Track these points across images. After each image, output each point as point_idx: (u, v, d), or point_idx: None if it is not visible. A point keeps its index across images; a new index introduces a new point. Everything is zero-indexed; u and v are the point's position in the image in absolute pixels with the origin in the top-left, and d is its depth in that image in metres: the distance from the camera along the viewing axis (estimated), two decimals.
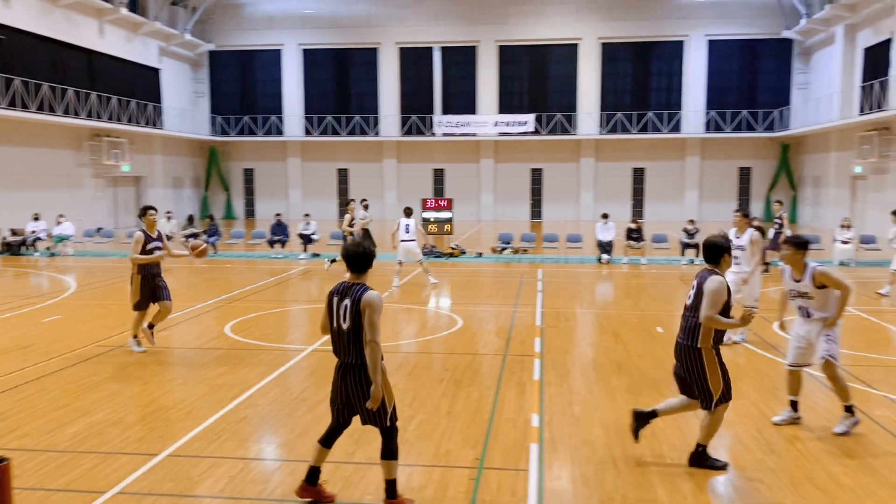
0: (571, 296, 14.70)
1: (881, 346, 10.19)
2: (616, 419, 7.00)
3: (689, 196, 39.44)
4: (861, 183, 30.99)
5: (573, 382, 8.30)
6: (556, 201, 40.33)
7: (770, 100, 38.99)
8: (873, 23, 30.46)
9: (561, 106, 39.95)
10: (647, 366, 9.02)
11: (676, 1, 38.78)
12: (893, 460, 5.96)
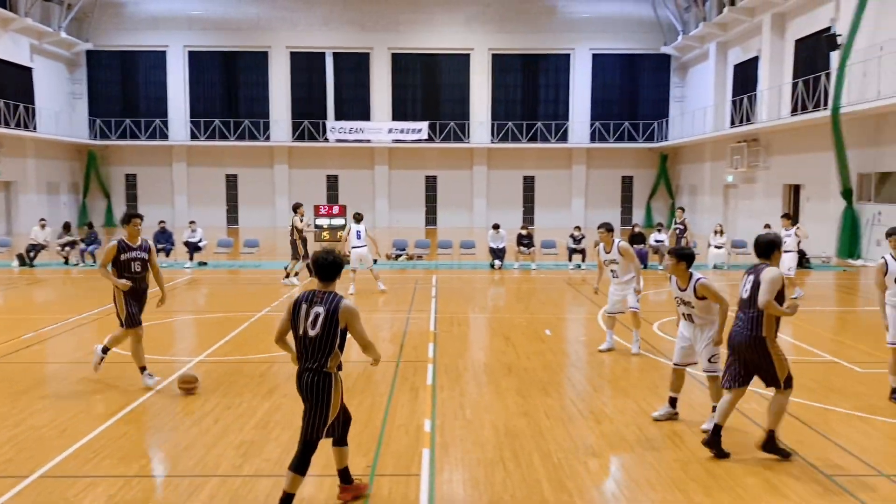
0: (464, 301, 14.89)
1: None
2: (506, 420, 7.15)
3: (575, 203, 40.80)
4: (733, 191, 33.03)
5: (465, 386, 8.41)
6: (450, 208, 40.76)
7: (650, 112, 40.97)
8: (742, 41, 32.59)
9: (454, 114, 40.47)
10: (536, 367, 9.26)
11: (563, 15, 40.13)
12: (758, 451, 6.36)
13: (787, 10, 28.02)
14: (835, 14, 24.30)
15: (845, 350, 10.54)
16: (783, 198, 27.97)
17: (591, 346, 10.77)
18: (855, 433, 6.87)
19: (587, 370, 9.35)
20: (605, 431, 6.91)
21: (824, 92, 23.79)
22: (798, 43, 27.69)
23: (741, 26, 31.51)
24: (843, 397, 8.05)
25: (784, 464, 6.04)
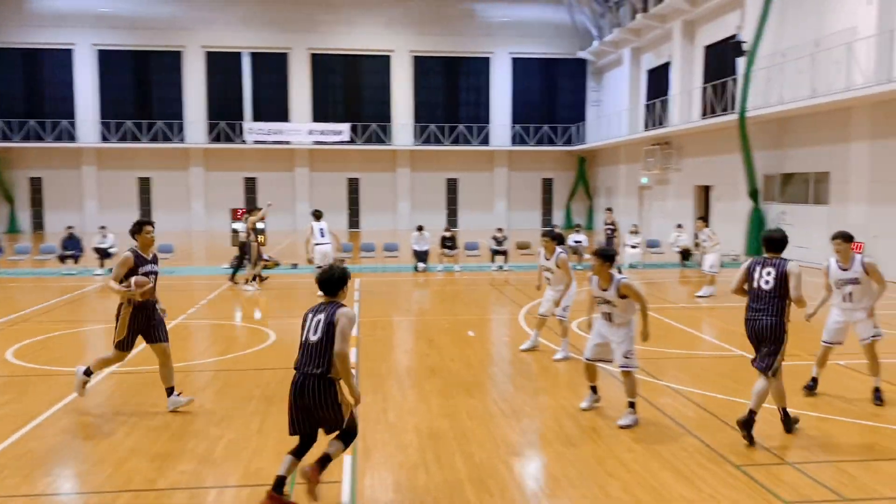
0: (388, 304, 14.84)
1: (664, 341, 11.22)
2: (429, 423, 7.15)
3: (498, 205, 41.29)
4: (647, 192, 34.10)
5: (388, 390, 8.37)
6: (373, 210, 40.58)
7: (568, 115, 41.88)
8: (655, 47, 33.70)
9: (376, 116, 40.32)
10: (459, 368, 9.31)
11: (482, 19, 40.56)
12: (675, 444, 6.58)
13: (697, 17, 29.13)
14: (741, 22, 25.40)
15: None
16: (695, 198, 29.05)
17: (514, 346, 10.90)
18: (760, 423, 7.16)
19: (510, 370, 9.46)
20: (525, 430, 7.00)
21: (732, 96, 24.84)
22: (707, 49, 28.83)
23: (653, 32, 32.57)
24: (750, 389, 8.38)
25: (696, 456, 6.26)
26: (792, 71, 21.63)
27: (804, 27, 21.70)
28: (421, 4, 39.94)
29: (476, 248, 22.67)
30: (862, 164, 19.28)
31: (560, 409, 7.64)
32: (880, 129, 18.52)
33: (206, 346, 10.99)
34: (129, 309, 7.28)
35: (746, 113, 22.94)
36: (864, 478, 5.80)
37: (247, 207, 23.17)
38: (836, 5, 20.41)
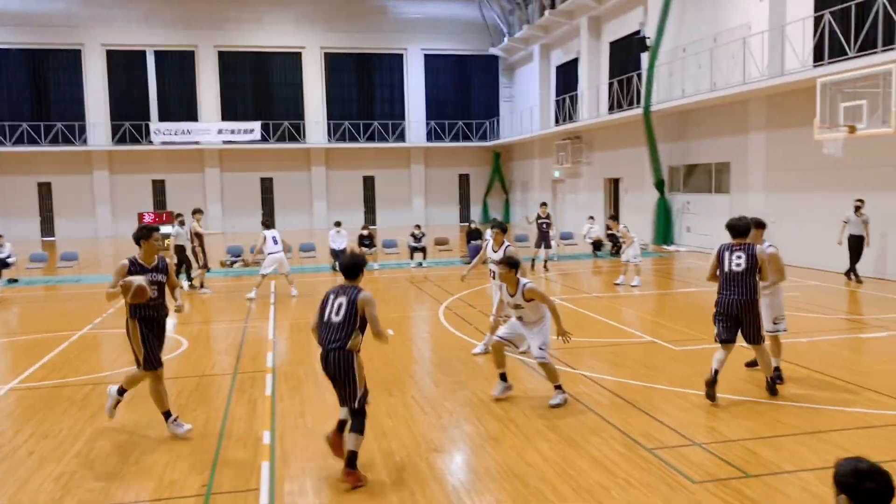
0: (305, 306, 14.62)
1: (579, 330, 11.49)
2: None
3: (416, 202, 41.33)
4: (560, 186, 34.83)
5: (306, 394, 8.26)
6: (289, 210, 39.87)
7: (482, 111, 42.31)
8: (563, 43, 34.41)
9: (288, 114, 39.64)
10: (379, 367, 9.26)
11: (393, 15, 40.46)
12: (589, 431, 6.75)
13: (602, 13, 29.91)
14: (643, 18, 26.23)
15: (662, 330, 11.40)
16: (605, 191, 29.86)
17: (434, 342, 10.94)
18: (671, 407, 7.45)
19: (430, 367, 9.49)
20: (446, 426, 7.04)
21: (637, 91, 25.63)
22: (612, 45, 29.64)
23: (561, 29, 33.24)
24: (661, 374, 8.71)
25: (611, 443, 6.44)
26: (692, 66, 22.50)
27: (702, 23, 22.60)
28: (331, 1, 39.49)
29: (395, 246, 22.63)
30: (759, 154, 20.25)
31: (480, 403, 7.71)
32: (774, 121, 19.49)
33: (115, 357, 10.56)
34: (134, 323, 6.69)
35: (651, 107, 23.73)
36: (766, 454, 6.10)
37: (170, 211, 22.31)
38: (731, 3, 21.34)
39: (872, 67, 13.24)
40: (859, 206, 15.32)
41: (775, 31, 18.89)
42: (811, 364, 8.86)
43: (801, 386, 7.99)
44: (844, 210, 16.39)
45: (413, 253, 20.89)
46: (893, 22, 15.26)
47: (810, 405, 7.36)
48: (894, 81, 12.27)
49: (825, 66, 16.33)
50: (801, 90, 17.04)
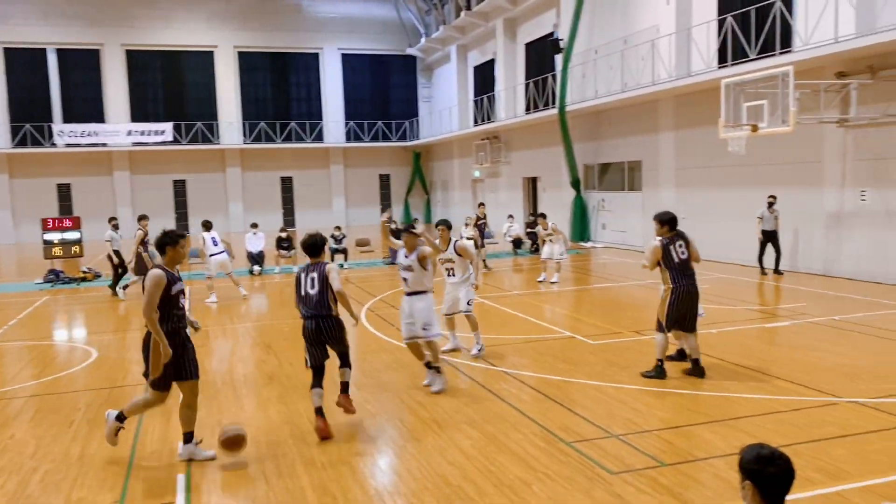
0: (221, 312, 14.26)
1: (502, 328, 11.62)
2: (267, 432, 6.95)
3: (336, 203, 40.92)
4: (480, 185, 35.14)
5: (224, 401, 8.04)
6: (202, 213, 38.62)
7: (401, 111, 42.27)
8: (480, 44, 34.74)
9: (201, 114, 38.56)
10: (299, 373, 9.09)
11: (309, 14, 39.94)
12: (512, 428, 6.81)
13: (517, 15, 30.34)
14: (557, 20, 26.75)
15: (580, 325, 11.65)
16: (523, 189, 30.31)
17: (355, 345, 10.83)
18: (589, 400, 7.61)
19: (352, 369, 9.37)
20: (368, 428, 6.99)
21: (552, 92, 26.12)
22: (528, 46, 30.12)
23: (478, 30, 33.55)
24: (579, 368, 8.89)
25: (531, 437, 6.53)
26: (604, 67, 23.09)
27: (613, 26, 23.23)
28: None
29: None
30: (669, 153, 20.97)
31: (402, 403, 7.69)
32: (683, 120, 20.22)
33: (18, 370, 10.02)
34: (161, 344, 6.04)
35: (566, 107, 24.22)
36: (680, 443, 6.31)
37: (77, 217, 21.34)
38: (640, 5, 22.01)
39: (771, 69, 13.89)
40: (772, 203, 16.01)
41: (682, 33, 19.60)
42: (721, 354, 9.22)
43: (711, 375, 8.30)
44: (749, 205, 17.14)
45: (333, 255, 20.66)
46: (790, 26, 16.07)
47: (720, 393, 7.66)
48: (791, 82, 12.91)
49: (728, 68, 17.04)
50: (707, 90, 17.74)
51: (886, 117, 14.04)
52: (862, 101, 14.45)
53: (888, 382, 7.81)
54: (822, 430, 6.49)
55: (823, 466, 5.66)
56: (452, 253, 9.36)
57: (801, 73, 13.96)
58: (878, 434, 6.33)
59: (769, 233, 16.04)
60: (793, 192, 16.56)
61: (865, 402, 7.21)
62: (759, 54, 16.53)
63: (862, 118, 14.46)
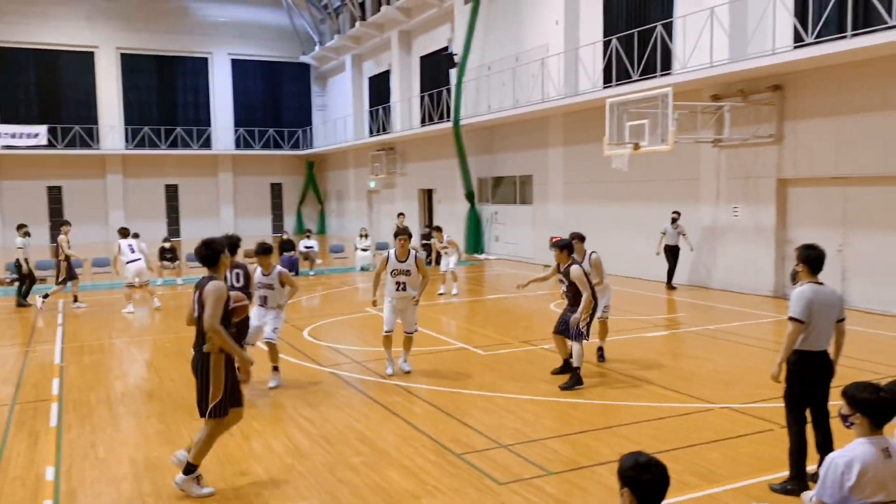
0: (99, 326, 13.49)
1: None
2: (146, 452, 6.60)
3: (224, 212, 39.63)
4: (375, 196, 35.02)
5: (98, 421, 7.58)
6: (81, 221, 36.45)
7: (294, 119, 41.54)
8: (375, 55, 34.70)
9: (79, 118, 36.47)
10: (180, 389, 8.71)
11: (198, 18, 38.67)
12: (402, 441, 6.76)
13: (412, 28, 30.52)
14: (451, 35, 27.10)
15: (473, 336, 11.77)
16: (419, 201, 30.43)
17: None
18: (479, 411, 7.68)
19: None
20: (254, 445, 6.76)
21: (447, 105, 26.40)
22: (423, 59, 30.34)
23: (373, 41, 33.51)
24: (471, 380, 8.96)
25: (422, 451, 6.50)
26: (497, 83, 23.56)
27: (506, 43, 23.74)
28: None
29: None
30: (557, 168, 21.61)
31: (290, 420, 7.49)
32: (571, 137, 20.89)
33: None
34: (220, 357, 5.50)
35: (460, 121, 24.54)
36: (565, 451, 6.45)
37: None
38: (531, 24, 22.62)
39: (652, 90, 14.58)
40: (675, 219, 16.28)
41: (570, 53, 20.28)
42: (605, 363, 9.53)
43: (596, 384, 8.56)
44: (631, 220, 17.90)
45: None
46: (670, 50, 16.93)
47: (604, 402, 7.91)
48: (670, 104, 13.59)
49: (613, 88, 17.77)
50: (594, 109, 18.40)
51: (756, 138, 15.02)
52: (734, 122, 15.40)
53: (758, 388, 8.30)
54: (698, 435, 6.81)
55: (698, 470, 5.93)
56: (412, 264, 8.89)
57: (679, 95, 14.74)
58: (748, 438, 6.70)
59: (671, 248, 16.32)
60: (672, 208, 17.40)
61: (738, 407, 7.63)
62: (642, 76, 17.33)
63: (734, 139, 15.40)
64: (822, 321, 5.36)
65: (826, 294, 5.41)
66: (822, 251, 5.50)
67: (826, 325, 5.40)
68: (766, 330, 11.91)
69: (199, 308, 5.47)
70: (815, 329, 5.35)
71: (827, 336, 5.43)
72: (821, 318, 5.35)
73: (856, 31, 12.61)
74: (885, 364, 9.33)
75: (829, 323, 5.41)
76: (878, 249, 13.22)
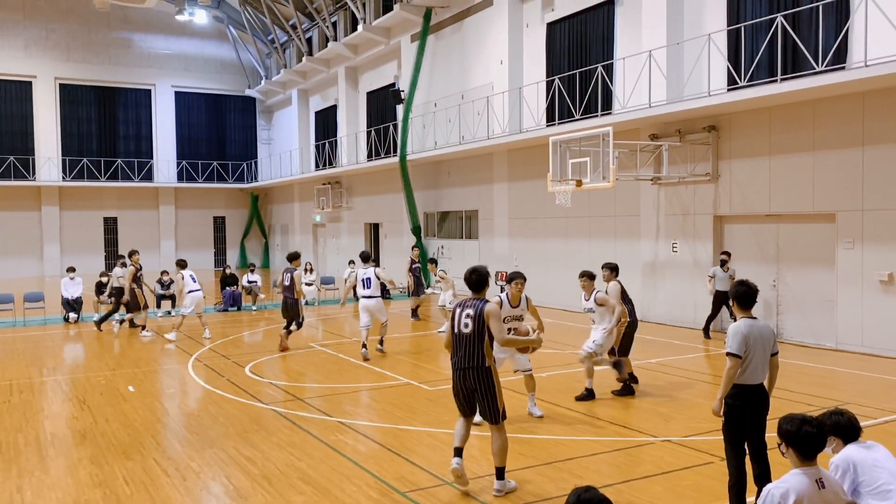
0: (29, 363, 12.95)
1: (339, 376, 11.42)
2: (76, 496, 6.33)
3: (165, 245, 38.73)
4: (321, 230, 34.80)
5: (25, 464, 7.24)
6: (13, 255, 35.32)
7: (239, 152, 41.14)
8: (322, 90, 34.76)
9: (14, 148, 35.38)
10: (116, 429, 8.42)
11: (140, 49, 38.17)
12: (346, 480, 6.65)
13: (358, 64, 30.72)
14: (398, 72, 27.37)
15: (420, 371, 11.70)
16: (365, 235, 30.35)
17: (181, 398, 10.22)
18: (424, 448, 7.61)
19: (175, 426, 8.80)
20: (191, 488, 6.55)
21: (393, 140, 26.55)
22: (370, 95, 30.53)
23: (319, 76, 33.60)
24: (416, 416, 8.89)
25: (365, 489, 6.40)
26: (443, 119, 23.84)
27: (452, 80, 24.10)
28: (67, 28, 36.32)
29: None
30: (502, 203, 21.87)
31: (230, 460, 7.29)
32: (515, 173, 21.21)
33: None
34: (495, 369, 6.29)
35: (406, 156, 24.68)
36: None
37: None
38: (476, 63, 23.02)
39: (593, 129, 14.95)
40: (725, 260, 14.39)
41: (514, 91, 20.69)
42: (551, 397, 9.58)
43: (543, 419, 8.58)
44: (577, 253, 18.16)
45: (160, 301, 19.51)
46: (610, 90, 17.43)
47: (549, 437, 7.93)
48: (611, 142, 13.95)
49: (556, 126, 18.15)
50: (537, 146, 18.75)
51: (692, 176, 15.51)
52: (672, 161, 15.88)
53: (697, 421, 8.45)
54: (641, 468, 6.88)
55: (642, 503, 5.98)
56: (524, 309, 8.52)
57: (619, 134, 15.15)
58: (689, 470, 6.80)
59: (724, 293, 13.71)
60: (614, 243, 17.76)
61: (678, 440, 7.74)
62: (583, 115, 17.77)
63: (672, 177, 15.87)
64: (757, 355, 5.51)
65: (759, 328, 5.57)
66: (752, 287, 5.67)
67: (762, 358, 5.54)
68: (704, 364, 12.17)
69: (473, 325, 6.05)
70: (752, 363, 5.49)
71: (763, 369, 5.57)
72: (756, 352, 5.49)
73: (785, 76, 13.22)
74: (818, 396, 9.62)
75: (764, 356, 5.56)
76: (809, 284, 13.72)
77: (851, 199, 12.84)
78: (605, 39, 18.32)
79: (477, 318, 6.05)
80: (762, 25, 14.19)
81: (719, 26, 15.15)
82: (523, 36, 21.07)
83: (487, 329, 6.03)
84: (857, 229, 12.79)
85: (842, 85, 12.14)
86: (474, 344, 6.06)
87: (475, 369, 6.08)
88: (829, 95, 12.91)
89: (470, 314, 6.10)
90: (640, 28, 16.81)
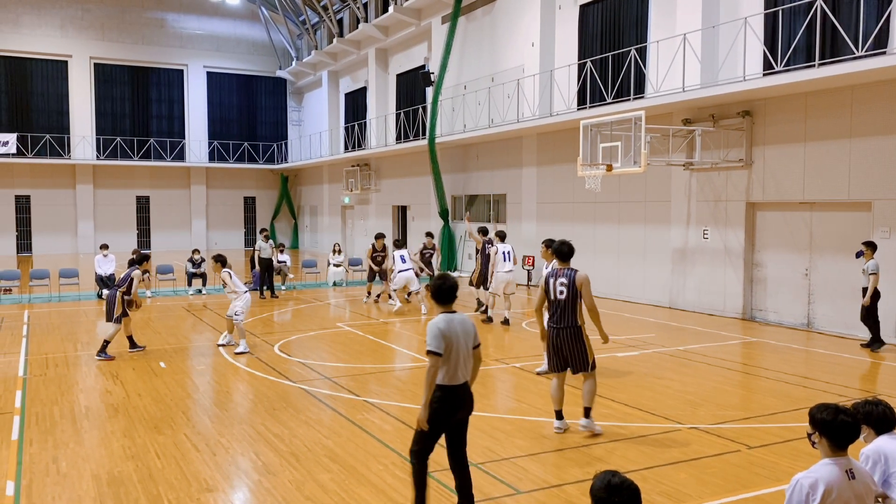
0: (65, 338, 13.25)
1: (366, 356, 11.52)
2: (109, 468, 6.48)
3: (196, 225, 39.28)
4: (349, 211, 34.95)
5: (60, 436, 7.43)
6: (48, 232, 36.08)
7: (269, 133, 41.41)
8: (352, 71, 34.78)
9: (50, 127, 36.03)
10: (147, 404, 8.60)
11: (173, 29, 38.50)
12: (373, 459, 6.73)
13: (389, 46, 30.66)
14: (428, 54, 27.26)
15: None
16: (393, 217, 30.43)
17: (212, 375, 10.39)
18: None
19: (205, 401, 8.96)
20: (221, 463, 6.67)
21: (422, 123, 26.51)
22: (399, 77, 30.47)
23: (350, 57, 33.60)
24: None
25: (391, 468, 6.47)
26: (473, 102, 23.73)
27: (482, 63, 23.95)
28: (102, 8, 36.73)
29: (171, 272, 21.29)
30: (531, 187, 21.76)
31: (258, 436, 7.41)
32: (544, 157, 21.08)
33: None
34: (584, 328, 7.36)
35: (435, 139, 24.64)
36: (535, 470, 6.45)
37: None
38: (507, 45, 22.85)
39: (625, 113, 14.78)
40: (862, 252, 11.96)
41: (545, 74, 20.51)
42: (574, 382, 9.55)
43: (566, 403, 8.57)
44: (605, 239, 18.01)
45: (191, 279, 19.79)
46: (643, 74, 17.20)
47: (573, 420, 7.91)
48: (643, 126, 13.78)
49: (587, 110, 17.98)
50: (567, 130, 18.60)
51: (725, 162, 15.29)
52: (705, 146, 15.66)
53: (725, 409, 8.39)
54: (666, 455, 6.86)
55: (666, 490, 5.97)
56: None
57: (652, 118, 14.96)
58: (715, 458, 6.77)
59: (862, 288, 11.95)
60: (643, 229, 17.61)
61: (705, 427, 7.70)
62: (615, 98, 17.57)
63: (705, 162, 15.65)
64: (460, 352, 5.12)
65: (458, 321, 5.18)
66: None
67: (465, 354, 5.17)
68: (733, 351, 12.06)
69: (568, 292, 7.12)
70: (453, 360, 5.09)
71: (466, 366, 5.19)
72: (459, 348, 5.09)
73: (823, 61, 12.94)
74: (849, 386, 9.49)
75: (468, 351, 5.20)
76: (842, 274, 13.49)
77: (889, 187, 12.57)
78: (638, 22, 18.06)
79: (570, 285, 7.08)
80: (801, 9, 13.89)
81: (756, 10, 14.85)
82: (555, 18, 20.85)
83: (579, 294, 7.09)
84: (893, 218, 12.52)
85: (882, 70, 11.85)
86: (567, 308, 7.12)
87: (569, 328, 7.16)
88: (868, 81, 12.62)
89: (564, 283, 7.10)
90: (674, 11, 16.53)
